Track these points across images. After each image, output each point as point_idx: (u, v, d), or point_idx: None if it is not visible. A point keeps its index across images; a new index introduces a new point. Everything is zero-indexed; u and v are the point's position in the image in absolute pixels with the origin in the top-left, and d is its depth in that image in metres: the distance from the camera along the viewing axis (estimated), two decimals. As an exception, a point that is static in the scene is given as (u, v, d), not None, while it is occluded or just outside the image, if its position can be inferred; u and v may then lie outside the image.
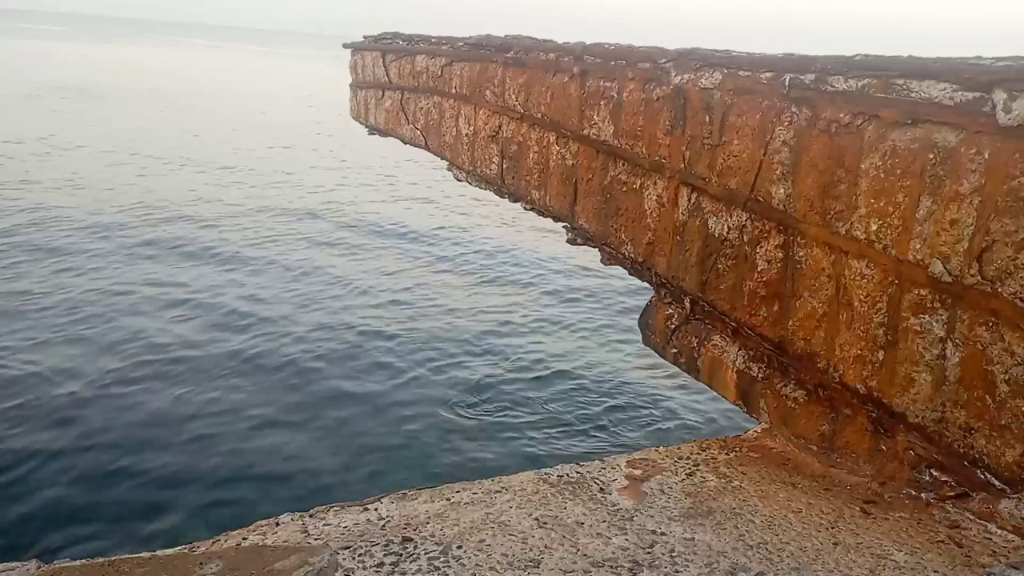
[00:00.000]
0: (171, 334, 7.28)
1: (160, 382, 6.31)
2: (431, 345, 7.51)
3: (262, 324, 7.72)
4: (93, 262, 9.25)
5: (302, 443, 5.57)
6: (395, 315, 8.31)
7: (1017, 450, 1.62)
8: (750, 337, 2.39)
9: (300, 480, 5.11)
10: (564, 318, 8.56)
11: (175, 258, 9.78)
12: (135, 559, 1.44)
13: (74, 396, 5.94)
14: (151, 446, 5.34)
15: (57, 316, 7.49)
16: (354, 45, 5.96)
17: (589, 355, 7.52)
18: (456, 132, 4.45)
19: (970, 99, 1.64)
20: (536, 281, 9.99)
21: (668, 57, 2.65)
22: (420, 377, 6.79)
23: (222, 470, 5.14)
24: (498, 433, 5.88)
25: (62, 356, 6.61)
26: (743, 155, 2.31)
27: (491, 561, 1.54)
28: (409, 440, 5.72)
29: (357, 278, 9.54)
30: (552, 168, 3.49)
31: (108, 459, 5.14)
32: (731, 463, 2.11)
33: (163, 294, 8.36)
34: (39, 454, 5.14)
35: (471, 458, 5.48)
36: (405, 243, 11.59)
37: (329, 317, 8.09)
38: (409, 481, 4.80)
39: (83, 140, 17.87)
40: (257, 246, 10.67)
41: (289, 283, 9.22)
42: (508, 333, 8.00)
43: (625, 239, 3.00)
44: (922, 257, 1.77)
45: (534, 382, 6.82)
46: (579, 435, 5.94)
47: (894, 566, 1.54)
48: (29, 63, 39.78)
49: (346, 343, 7.43)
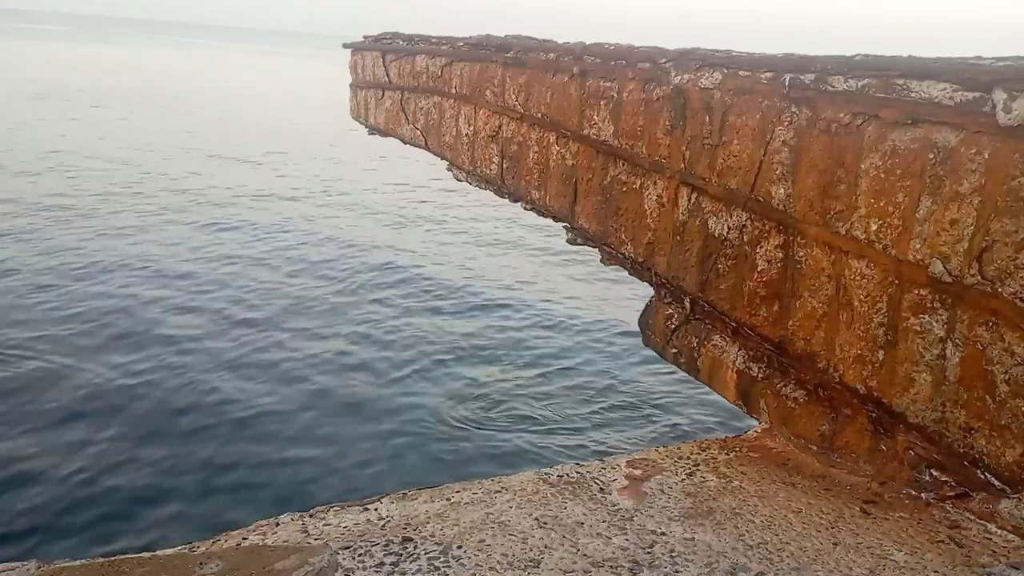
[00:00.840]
0: (172, 333, 7.28)
1: (160, 381, 6.31)
2: (430, 345, 7.51)
3: (261, 323, 7.73)
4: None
5: (301, 443, 5.57)
6: (394, 315, 8.31)
7: (1017, 450, 1.62)
8: (750, 337, 2.39)
9: (299, 480, 5.11)
10: (564, 317, 8.56)
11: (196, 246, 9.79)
12: (135, 559, 1.44)
13: (73, 395, 5.94)
14: (151, 446, 5.34)
15: (59, 314, 7.49)
16: (354, 45, 5.96)
17: (589, 355, 7.52)
18: (456, 132, 4.45)
19: (970, 99, 1.64)
20: (536, 281, 9.99)
21: (668, 57, 2.65)
22: (420, 377, 6.79)
23: (221, 469, 5.14)
24: (498, 433, 5.88)
25: (61, 354, 6.61)
26: (743, 155, 2.31)
27: (491, 561, 1.54)
28: (409, 440, 5.72)
29: (355, 277, 9.54)
30: (552, 168, 3.49)
31: (107, 459, 5.15)
32: (731, 463, 2.11)
33: (168, 292, 8.37)
34: (38, 454, 5.14)
35: (471, 458, 5.49)
36: (400, 238, 11.60)
37: (328, 316, 8.10)
38: (409, 481, 4.81)
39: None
40: (261, 240, 10.69)
41: (283, 279, 9.23)
42: (508, 333, 8.01)
43: (625, 239, 3.00)
44: (922, 257, 1.77)
45: (534, 382, 6.82)
46: (579, 435, 5.94)
47: (894, 566, 1.54)
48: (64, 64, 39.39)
49: (345, 343, 7.43)
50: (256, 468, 5.20)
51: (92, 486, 4.85)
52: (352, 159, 18.36)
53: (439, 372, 6.91)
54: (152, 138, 19.00)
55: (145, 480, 4.96)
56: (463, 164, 4.41)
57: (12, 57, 44.44)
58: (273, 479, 5.09)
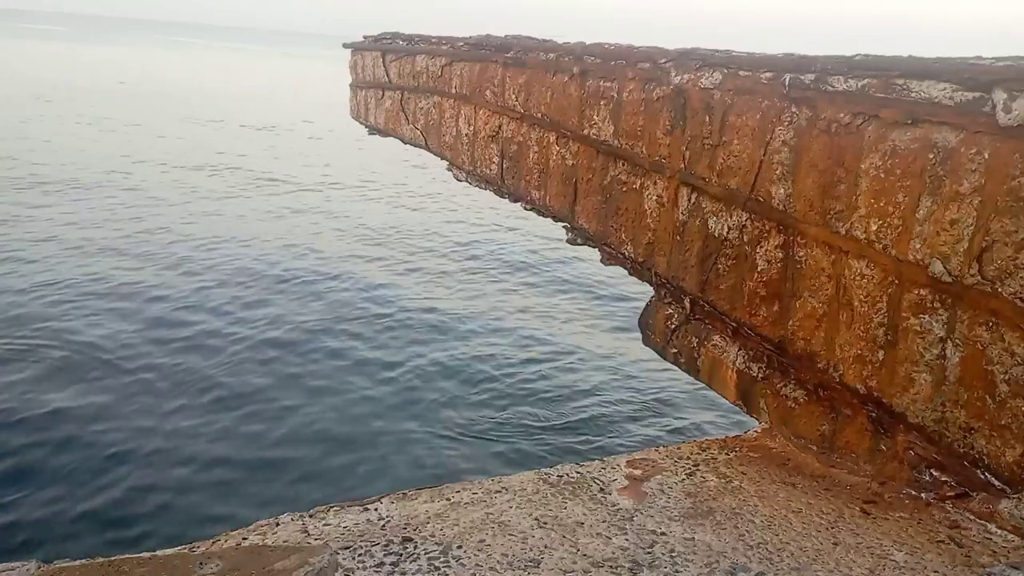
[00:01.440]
0: (174, 330, 7.28)
1: (159, 378, 6.32)
2: (430, 344, 7.51)
3: (259, 323, 7.72)
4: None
5: (301, 443, 5.57)
6: (394, 314, 8.31)
7: (1017, 450, 1.62)
8: (750, 337, 2.39)
9: (299, 480, 5.11)
10: (563, 317, 8.56)
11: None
12: (135, 559, 1.44)
13: (73, 395, 5.94)
14: (151, 444, 5.34)
15: (65, 310, 7.50)
16: (354, 45, 5.96)
17: (589, 355, 7.52)
18: (456, 132, 4.45)
19: (970, 99, 1.64)
20: (535, 280, 9.99)
21: (668, 57, 2.65)
22: (419, 377, 6.79)
23: (219, 470, 5.14)
24: (498, 433, 5.88)
25: (60, 353, 6.61)
26: (743, 155, 2.31)
27: (491, 561, 1.54)
28: (409, 440, 5.72)
29: (352, 276, 9.54)
30: (552, 168, 3.49)
31: (106, 460, 5.14)
32: (731, 463, 2.11)
33: (173, 292, 8.37)
34: (38, 453, 5.14)
35: (471, 458, 5.49)
36: (400, 240, 11.60)
37: (324, 317, 8.09)
38: (409, 481, 4.81)
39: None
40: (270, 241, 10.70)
41: (280, 274, 9.23)
42: (507, 332, 8.01)
43: (625, 239, 3.00)
44: (922, 257, 1.77)
45: (533, 382, 6.82)
46: (579, 435, 5.94)
47: (894, 566, 1.54)
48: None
49: (343, 342, 7.43)
50: (254, 468, 5.20)
51: (92, 486, 4.85)
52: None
53: (438, 373, 6.91)
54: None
55: (146, 478, 4.96)
56: (463, 164, 4.41)
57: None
58: (272, 479, 5.09)
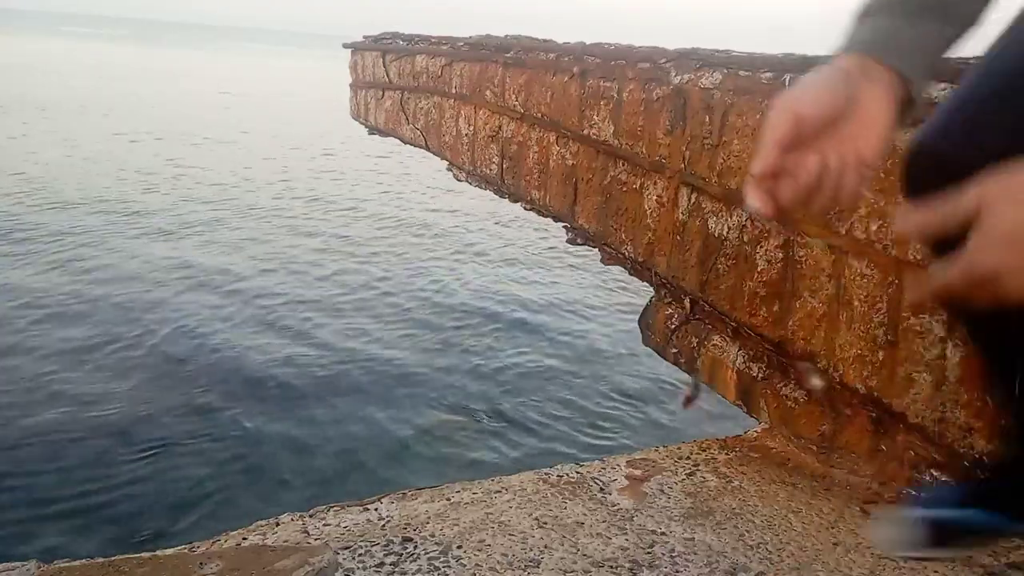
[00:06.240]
0: (175, 328, 7.28)
1: (159, 377, 6.32)
2: (429, 344, 7.51)
3: (258, 322, 7.73)
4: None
5: (300, 443, 5.57)
6: (393, 314, 8.31)
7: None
8: (750, 337, 2.39)
9: (299, 480, 5.11)
10: (563, 316, 8.56)
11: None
12: (135, 559, 1.44)
13: (73, 394, 5.94)
14: (151, 443, 5.34)
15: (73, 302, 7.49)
16: (354, 45, 5.96)
17: (589, 355, 7.52)
18: (456, 132, 4.45)
19: (970, 99, 1.64)
20: (535, 280, 9.99)
21: (668, 57, 2.65)
22: (418, 376, 6.79)
23: (218, 469, 5.14)
24: (498, 433, 5.88)
25: (57, 350, 6.61)
26: (743, 155, 2.31)
27: (491, 561, 1.54)
28: (408, 440, 5.72)
29: (350, 275, 9.54)
30: (552, 168, 3.49)
31: (106, 459, 5.14)
32: (731, 463, 2.11)
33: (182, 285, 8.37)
34: (37, 453, 5.14)
35: (471, 458, 5.48)
36: (401, 237, 11.60)
37: (325, 314, 8.10)
38: (409, 481, 4.80)
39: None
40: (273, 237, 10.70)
41: (274, 274, 9.24)
42: (507, 332, 8.00)
43: (625, 239, 3.00)
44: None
45: (533, 381, 6.82)
46: (579, 435, 5.94)
47: (894, 566, 1.54)
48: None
49: (343, 342, 7.43)
50: (254, 468, 5.20)
51: (91, 486, 4.85)
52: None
53: (437, 373, 6.90)
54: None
55: (145, 478, 4.96)
56: (463, 164, 4.41)
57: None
58: (271, 479, 5.09)
